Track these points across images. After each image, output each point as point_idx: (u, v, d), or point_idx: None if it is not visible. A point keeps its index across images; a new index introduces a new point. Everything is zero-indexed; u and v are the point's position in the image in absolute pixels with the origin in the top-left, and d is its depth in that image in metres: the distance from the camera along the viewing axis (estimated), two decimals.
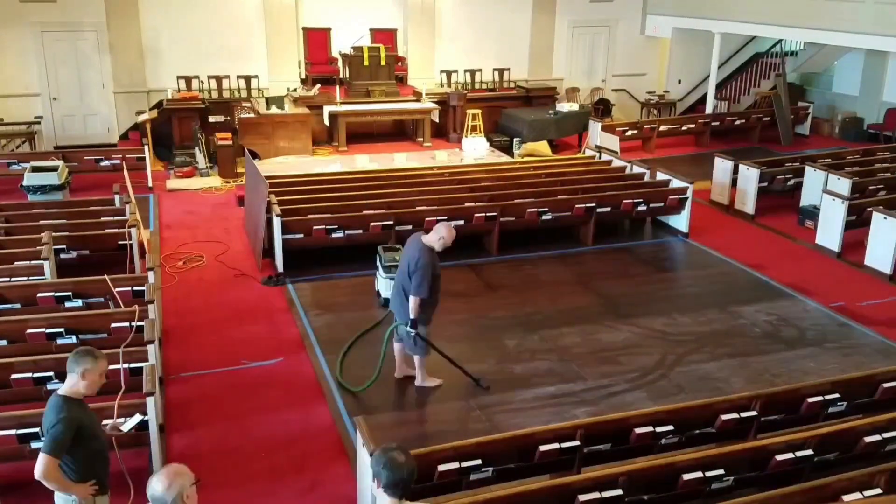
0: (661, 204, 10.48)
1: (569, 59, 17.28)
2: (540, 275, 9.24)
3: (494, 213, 9.63)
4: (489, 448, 4.85)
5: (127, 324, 6.36)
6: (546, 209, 9.88)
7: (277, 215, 8.80)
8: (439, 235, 6.18)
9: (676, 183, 10.68)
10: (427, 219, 9.38)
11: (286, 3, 14.88)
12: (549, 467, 5.05)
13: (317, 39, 15.29)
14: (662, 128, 15.32)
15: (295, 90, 14.60)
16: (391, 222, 9.25)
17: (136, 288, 6.99)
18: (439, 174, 11.27)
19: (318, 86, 14.50)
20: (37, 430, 4.98)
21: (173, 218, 10.82)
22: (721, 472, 4.78)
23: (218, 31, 14.64)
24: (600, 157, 12.48)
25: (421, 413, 6.31)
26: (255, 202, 9.73)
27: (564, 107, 15.22)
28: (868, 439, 5.17)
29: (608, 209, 10.18)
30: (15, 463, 5.28)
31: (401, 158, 13.64)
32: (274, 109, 13.50)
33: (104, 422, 4.60)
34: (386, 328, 6.69)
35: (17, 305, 6.84)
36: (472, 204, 9.77)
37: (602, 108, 16.86)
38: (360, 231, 9.19)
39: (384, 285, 7.89)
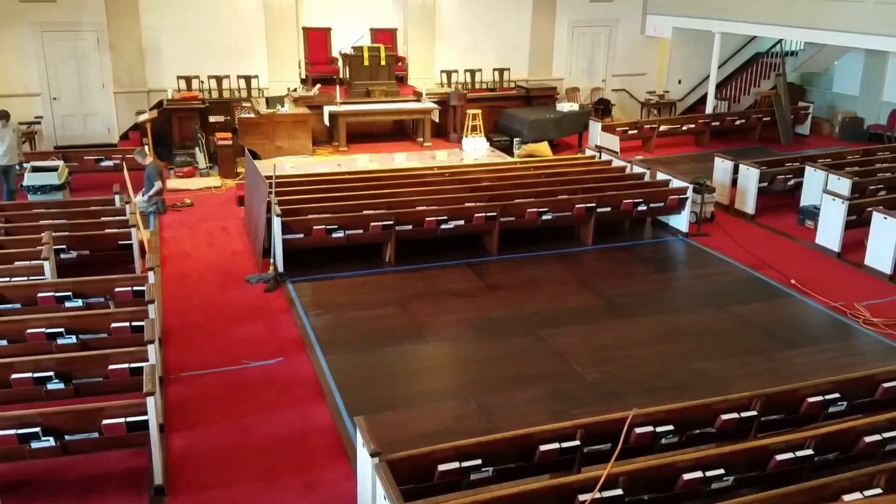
0: (661, 204, 10.48)
1: (569, 59, 17.28)
2: (540, 275, 9.24)
3: (494, 213, 9.63)
4: (489, 448, 4.85)
5: (127, 324, 6.36)
6: (546, 209, 9.88)
7: (277, 215, 8.81)
8: None
9: (676, 183, 10.68)
10: (427, 218, 9.39)
11: (286, 3, 14.88)
12: (549, 467, 5.05)
13: (317, 39, 15.28)
14: (662, 128, 15.33)
15: (295, 90, 14.59)
16: (391, 222, 9.25)
17: (136, 288, 6.99)
18: (439, 174, 11.27)
19: (319, 86, 14.50)
20: (37, 429, 4.99)
21: (173, 218, 10.82)
22: (721, 472, 4.77)
23: (218, 31, 14.64)
24: (600, 157, 12.49)
25: (421, 413, 6.30)
26: (255, 202, 9.73)
27: (565, 107, 15.22)
28: (868, 439, 5.17)
29: (608, 209, 10.18)
30: (15, 463, 5.28)
31: (401, 158, 13.63)
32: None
33: None
34: None
35: (18, 305, 6.84)
36: (472, 204, 9.77)
37: (602, 108, 16.86)
38: (361, 231, 9.19)
39: None
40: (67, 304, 6.88)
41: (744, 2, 14.87)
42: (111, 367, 5.75)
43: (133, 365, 5.72)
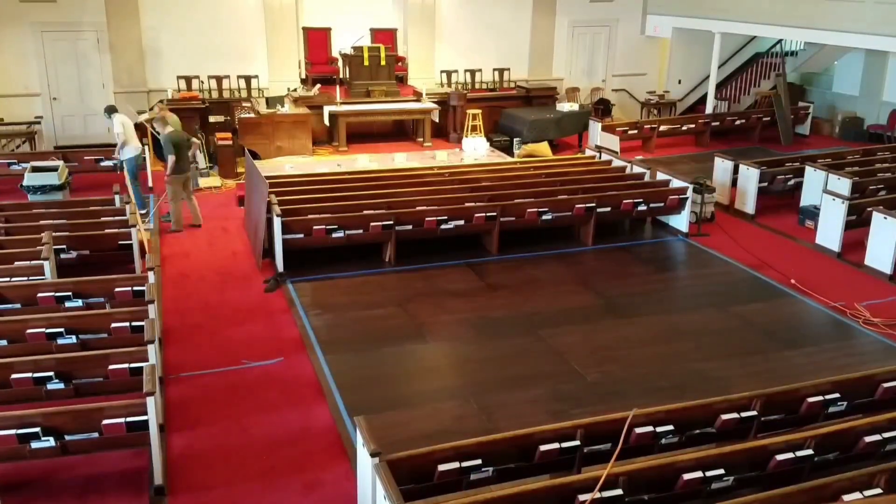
0: (661, 204, 10.48)
1: (569, 59, 17.28)
2: (540, 275, 9.24)
3: (494, 213, 9.63)
4: (489, 448, 4.85)
5: (127, 324, 6.36)
6: (546, 209, 9.88)
7: (277, 215, 8.81)
8: None
9: (676, 183, 10.68)
10: (427, 218, 9.39)
11: (286, 3, 14.88)
12: (549, 467, 5.05)
13: (317, 39, 15.29)
14: (662, 128, 15.33)
15: (295, 90, 14.59)
16: (391, 222, 9.25)
17: (136, 288, 6.99)
18: (439, 174, 11.27)
19: (318, 86, 14.50)
20: (37, 429, 4.99)
21: None
22: (721, 472, 4.77)
23: (218, 31, 14.64)
24: (600, 157, 12.48)
25: (421, 413, 6.30)
26: (255, 202, 9.73)
27: (565, 107, 15.22)
28: (868, 439, 5.17)
29: (608, 209, 10.18)
30: (15, 463, 5.28)
31: (401, 158, 13.63)
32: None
33: None
34: None
35: (17, 305, 6.84)
36: (472, 204, 9.77)
37: (602, 108, 16.86)
38: (360, 231, 9.19)
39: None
40: (67, 304, 6.88)
41: (744, 2, 14.87)
42: (111, 367, 5.75)
43: (133, 365, 5.72)
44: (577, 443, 4.99)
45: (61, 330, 6.25)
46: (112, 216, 9.15)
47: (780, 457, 4.91)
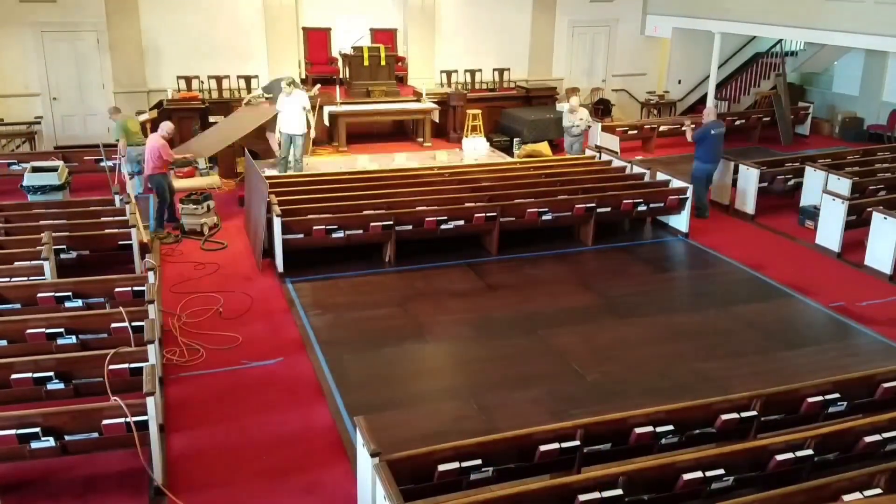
0: (661, 204, 10.49)
1: (569, 58, 17.28)
2: (540, 275, 9.24)
3: (494, 213, 9.63)
4: (489, 448, 4.85)
5: (127, 324, 6.35)
6: (546, 209, 9.88)
7: (277, 215, 8.81)
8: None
9: (676, 183, 10.68)
10: (427, 219, 9.39)
11: (286, 3, 14.88)
12: (549, 467, 5.05)
13: (317, 39, 15.28)
14: (662, 128, 15.33)
15: None
16: (391, 222, 9.25)
17: (136, 288, 6.99)
18: (439, 174, 11.27)
19: (318, 86, 14.48)
20: (37, 429, 4.99)
21: None
22: (721, 472, 4.77)
23: (218, 31, 14.64)
24: (600, 157, 12.48)
25: (421, 413, 6.30)
26: (255, 202, 9.73)
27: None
28: (868, 439, 5.17)
29: (608, 209, 10.18)
30: (15, 463, 5.28)
31: (401, 158, 13.64)
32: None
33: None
34: None
35: (17, 305, 6.84)
36: (472, 204, 9.77)
37: (602, 108, 16.86)
38: (360, 231, 9.19)
39: None
40: (67, 304, 6.88)
41: (744, 2, 14.87)
42: (111, 367, 5.74)
43: (133, 365, 5.72)
44: (577, 443, 4.99)
45: (61, 330, 6.25)
46: (112, 216, 9.14)
47: (780, 457, 4.91)
